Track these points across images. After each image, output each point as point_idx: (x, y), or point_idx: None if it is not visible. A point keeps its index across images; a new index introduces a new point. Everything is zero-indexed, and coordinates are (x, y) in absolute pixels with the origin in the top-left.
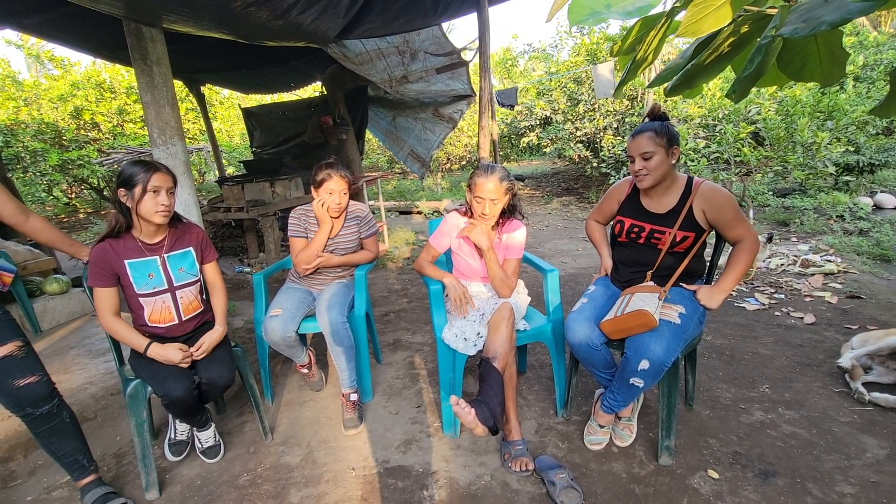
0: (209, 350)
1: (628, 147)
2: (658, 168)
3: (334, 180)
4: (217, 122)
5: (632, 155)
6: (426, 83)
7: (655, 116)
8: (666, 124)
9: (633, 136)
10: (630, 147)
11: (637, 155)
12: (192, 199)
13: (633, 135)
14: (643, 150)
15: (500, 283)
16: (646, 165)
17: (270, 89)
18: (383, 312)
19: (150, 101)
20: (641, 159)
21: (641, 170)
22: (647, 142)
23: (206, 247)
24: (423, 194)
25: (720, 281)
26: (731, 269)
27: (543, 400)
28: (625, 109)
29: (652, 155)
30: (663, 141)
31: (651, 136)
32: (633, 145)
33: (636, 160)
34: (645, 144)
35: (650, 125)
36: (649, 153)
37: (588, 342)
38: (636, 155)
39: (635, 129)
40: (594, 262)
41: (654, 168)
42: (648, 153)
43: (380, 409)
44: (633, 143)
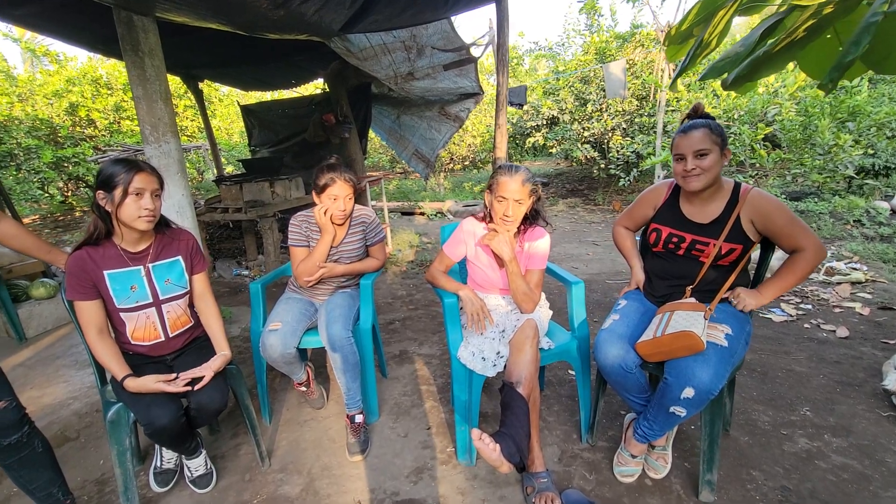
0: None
1: (676, 144)
2: (712, 169)
3: (338, 185)
4: (216, 120)
5: (682, 153)
6: (433, 80)
7: (698, 116)
8: (715, 123)
9: (683, 132)
10: (680, 144)
11: (690, 153)
12: (186, 201)
13: (683, 130)
14: (698, 147)
15: (522, 298)
16: (699, 164)
17: (271, 86)
18: (387, 321)
19: (142, 96)
20: (694, 157)
21: (694, 169)
22: (703, 138)
23: (195, 255)
24: (425, 195)
25: (766, 286)
26: (781, 277)
27: (565, 422)
28: (634, 110)
29: (707, 153)
30: (718, 139)
31: (707, 133)
32: (684, 142)
33: (688, 158)
34: (700, 141)
35: (703, 122)
36: (705, 150)
37: (621, 364)
38: (688, 153)
39: (686, 125)
40: (607, 268)
41: (709, 168)
42: (704, 150)
43: (387, 431)
44: (685, 140)
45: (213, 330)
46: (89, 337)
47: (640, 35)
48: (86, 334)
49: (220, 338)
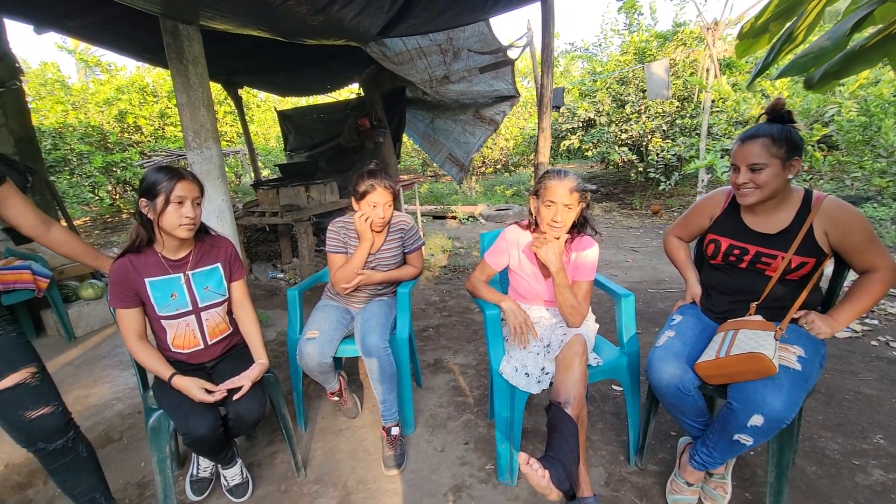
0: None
1: (733, 153)
2: (769, 184)
3: (378, 192)
4: (254, 125)
5: (736, 164)
6: (468, 83)
7: (777, 116)
8: (788, 129)
9: (741, 141)
10: (735, 154)
11: (743, 165)
12: (226, 206)
13: (741, 139)
14: (752, 161)
15: (570, 311)
16: (753, 179)
17: (307, 91)
18: (421, 328)
19: (186, 103)
20: (748, 171)
21: (747, 184)
22: (760, 151)
23: (234, 262)
24: (457, 198)
25: (839, 311)
26: (855, 300)
27: (611, 441)
28: (675, 111)
29: (763, 168)
30: (781, 151)
31: (766, 144)
32: (739, 152)
33: (741, 171)
34: (756, 154)
35: (767, 129)
36: (759, 165)
37: (678, 385)
38: (742, 165)
39: (746, 133)
40: (648, 276)
41: (764, 184)
42: (758, 165)
43: (423, 445)
44: (741, 150)
45: (252, 337)
46: (130, 343)
47: (682, 33)
48: (126, 341)
49: (259, 346)
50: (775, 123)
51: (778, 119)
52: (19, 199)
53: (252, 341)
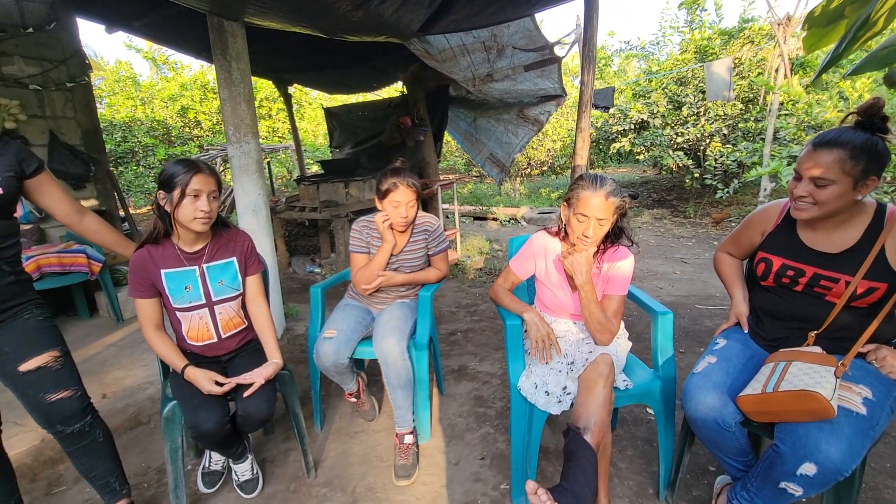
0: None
1: (800, 158)
2: (828, 204)
3: (400, 191)
4: (304, 122)
5: (800, 171)
6: (512, 82)
7: (868, 121)
8: (875, 140)
9: (813, 146)
10: (802, 160)
11: (806, 175)
12: (262, 200)
13: (814, 143)
14: (818, 174)
15: (597, 327)
16: (813, 194)
17: (353, 89)
18: (449, 331)
19: (227, 98)
20: (810, 183)
21: (805, 197)
22: (831, 164)
23: (250, 257)
24: (499, 200)
25: None
26: None
27: (639, 471)
28: (738, 114)
29: (828, 185)
30: (857, 168)
31: (840, 158)
32: (807, 159)
33: (802, 181)
34: (825, 166)
35: (850, 138)
36: (826, 181)
37: (717, 419)
38: (805, 175)
39: (822, 137)
40: (697, 290)
41: (825, 201)
42: (824, 181)
43: (437, 456)
44: (809, 157)
45: (265, 335)
46: (147, 332)
47: (749, 30)
48: (144, 330)
49: (272, 344)
50: (862, 131)
51: (867, 126)
52: (55, 188)
53: (265, 339)
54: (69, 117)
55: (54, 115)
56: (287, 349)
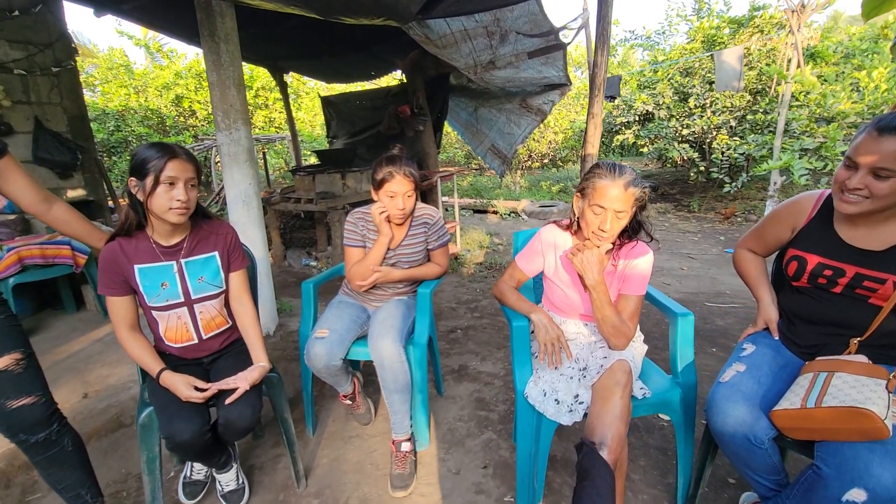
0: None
1: (857, 145)
2: (889, 197)
3: (396, 180)
4: (301, 112)
5: (856, 159)
6: (515, 69)
7: None
8: None
9: (878, 131)
10: (860, 146)
11: (864, 165)
12: (253, 190)
13: (879, 128)
14: (883, 164)
15: (612, 331)
16: (871, 186)
17: (352, 78)
18: (449, 328)
19: (216, 82)
20: (870, 174)
21: (860, 190)
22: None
23: (234, 251)
24: (499, 193)
25: None
26: None
27: (655, 483)
28: (746, 106)
29: (891, 175)
30: None
31: None
32: (868, 146)
33: (859, 171)
34: (890, 156)
35: None
36: (890, 172)
37: (748, 434)
38: (863, 164)
39: (887, 121)
40: (705, 287)
41: (883, 195)
42: (888, 172)
43: (437, 464)
44: (873, 144)
45: (250, 336)
46: (119, 333)
47: (760, 19)
48: (116, 331)
49: (258, 346)
50: None
51: None
52: (20, 175)
53: (251, 340)
54: (55, 103)
55: (39, 100)
56: (280, 346)
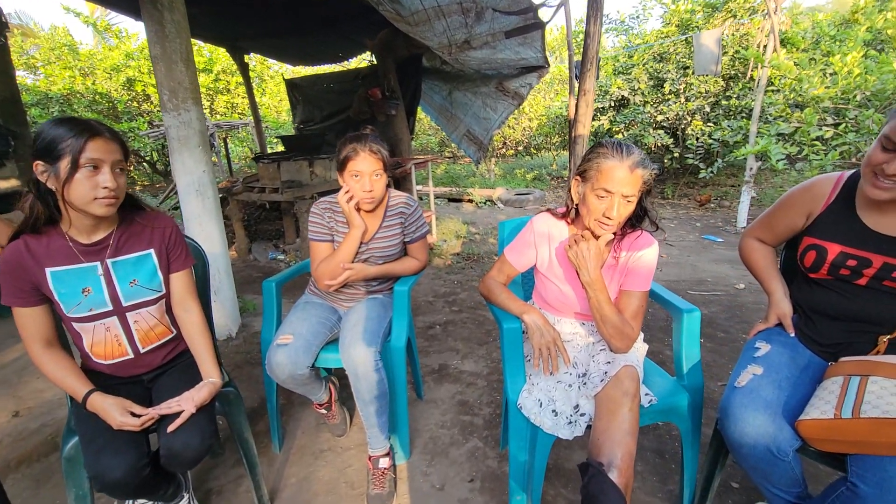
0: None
1: (894, 126)
2: None
3: (361, 157)
4: (266, 98)
5: (894, 139)
6: (491, 50)
7: None
8: None
9: None
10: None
11: None
12: (208, 178)
13: None
14: None
15: (613, 332)
16: None
17: (318, 59)
18: (427, 325)
19: (160, 56)
20: None
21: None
22: None
23: (175, 247)
24: (474, 181)
25: None
26: None
27: (654, 491)
28: (719, 91)
29: None
30: None
31: None
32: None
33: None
34: None
35: None
36: None
37: (770, 446)
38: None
39: None
40: (686, 274)
41: None
42: None
43: (418, 478)
44: None
45: (198, 348)
46: (32, 351)
47: (733, 3)
48: (28, 349)
49: (207, 359)
50: None
51: None
52: None
53: (199, 353)
54: None
55: None
56: (243, 349)
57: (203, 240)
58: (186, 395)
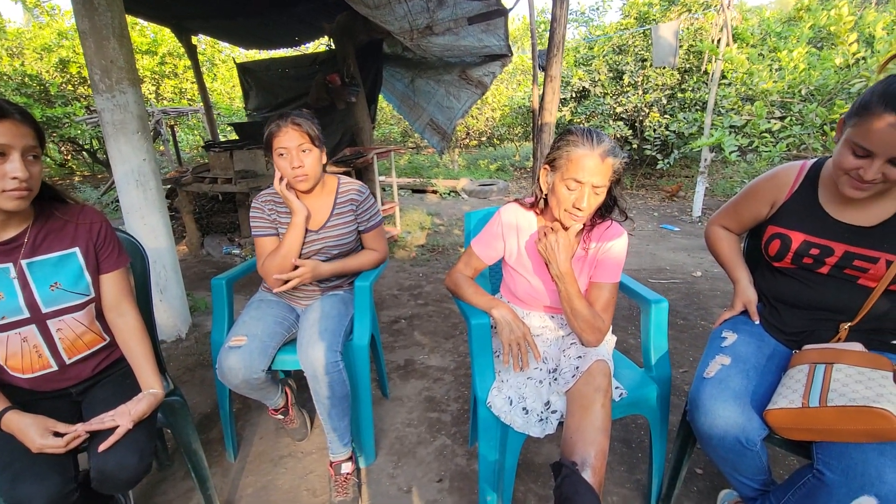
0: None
1: (872, 134)
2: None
3: (283, 132)
4: (218, 83)
5: (867, 148)
6: (454, 36)
7: None
8: None
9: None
10: (878, 136)
11: (884, 154)
12: (149, 167)
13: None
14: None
15: (583, 326)
16: (888, 174)
17: (273, 43)
18: (392, 319)
19: (89, 31)
20: (887, 163)
21: (874, 181)
22: None
23: (105, 245)
24: (438, 171)
25: None
26: None
27: (622, 481)
28: (675, 84)
29: None
30: None
31: None
32: (888, 135)
33: (875, 161)
34: None
35: None
36: None
37: (740, 437)
38: (881, 153)
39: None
40: (646, 263)
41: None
42: None
43: (384, 481)
44: (893, 131)
45: (136, 357)
46: None
47: None
48: None
49: (147, 368)
50: None
51: None
52: None
53: (136, 362)
54: None
55: None
56: (195, 351)
57: (146, 234)
58: (122, 409)
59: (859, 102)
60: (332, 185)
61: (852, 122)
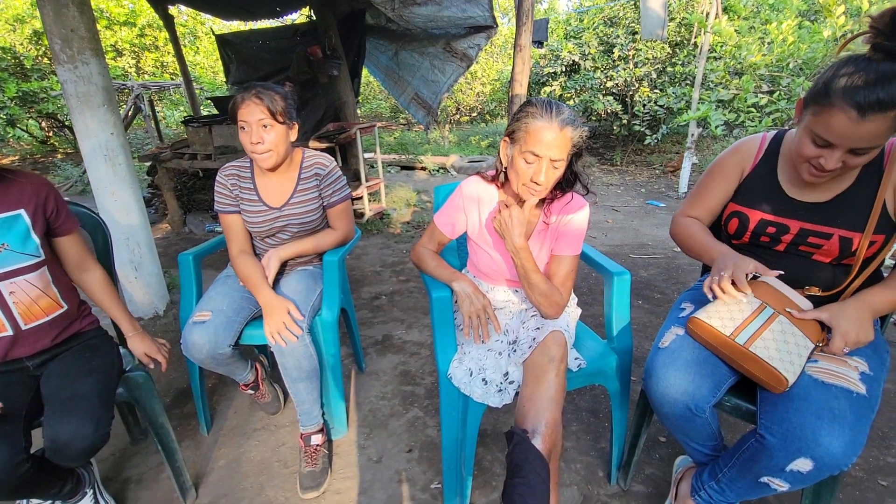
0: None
1: (833, 127)
2: (860, 166)
3: (244, 105)
4: (200, 56)
5: (827, 140)
6: (437, 6)
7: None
8: None
9: (858, 111)
10: (837, 129)
11: (843, 145)
12: (117, 142)
13: (858, 107)
14: (865, 144)
15: (541, 300)
16: (848, 162)
17: (252, 14)
18: (373, 295)
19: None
20: (848, 153)
21: (834, 171)
22: (885, 131)
23: (55, 210)
24: (428, 148)
25: (872, 292)
26: None
27: (587, 450)
28: (665, 57)
29: (870, 150)
30: None
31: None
32: (846, 128)
33: (836, 151)
34: (876, 134)
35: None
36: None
37: (688, 404)
38: (841, 145)
39: (868, 97)
40: (630, 238)
41: (857, 165)
42: (865, 149)
43: (355, 452)
44: (850, 127)
45: (110, 307)
46: None
47: None
48: None
49: (124, 317)
50: (892, 61)
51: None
52: None
53: (112, 311)
54: None
55: None
56: (173, 327)
57: (116, 211)
58: None
59: (819, 87)
60: (297, 158)
61: (812, 108)
